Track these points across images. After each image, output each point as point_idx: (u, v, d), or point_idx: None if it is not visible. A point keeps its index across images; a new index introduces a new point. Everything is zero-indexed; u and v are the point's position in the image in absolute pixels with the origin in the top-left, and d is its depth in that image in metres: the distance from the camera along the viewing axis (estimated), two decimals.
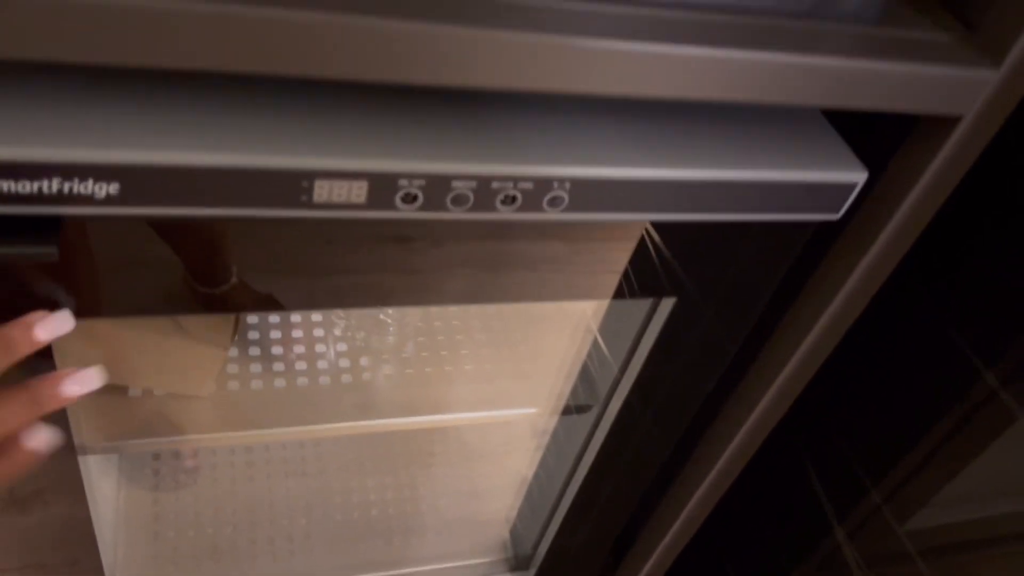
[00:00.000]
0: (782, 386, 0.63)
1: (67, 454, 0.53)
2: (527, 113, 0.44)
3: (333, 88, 0.38)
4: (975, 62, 0.44)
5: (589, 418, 0.73)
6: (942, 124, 0.46)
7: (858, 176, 0.47)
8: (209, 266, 0.44)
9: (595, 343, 0.69)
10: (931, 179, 0.48)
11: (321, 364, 0.71)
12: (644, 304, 0.60)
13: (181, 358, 0.65)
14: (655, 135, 0.46)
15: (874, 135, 0.50)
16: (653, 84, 0.39)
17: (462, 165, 0.40)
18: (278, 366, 0.69)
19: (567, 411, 0.74)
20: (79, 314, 0.41)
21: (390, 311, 0.74)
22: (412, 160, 0.39)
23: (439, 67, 0.35)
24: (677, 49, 0.38)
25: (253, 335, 0.71)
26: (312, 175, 0.38)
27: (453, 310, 0.80)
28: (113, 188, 0.35)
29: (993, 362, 0.60)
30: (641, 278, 0.53)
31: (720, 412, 0.68)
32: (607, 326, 0.68)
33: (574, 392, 0.73)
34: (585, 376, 0.72)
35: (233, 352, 0.68)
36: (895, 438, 0.67)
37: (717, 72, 0.40)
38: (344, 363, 0.72)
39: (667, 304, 0.57)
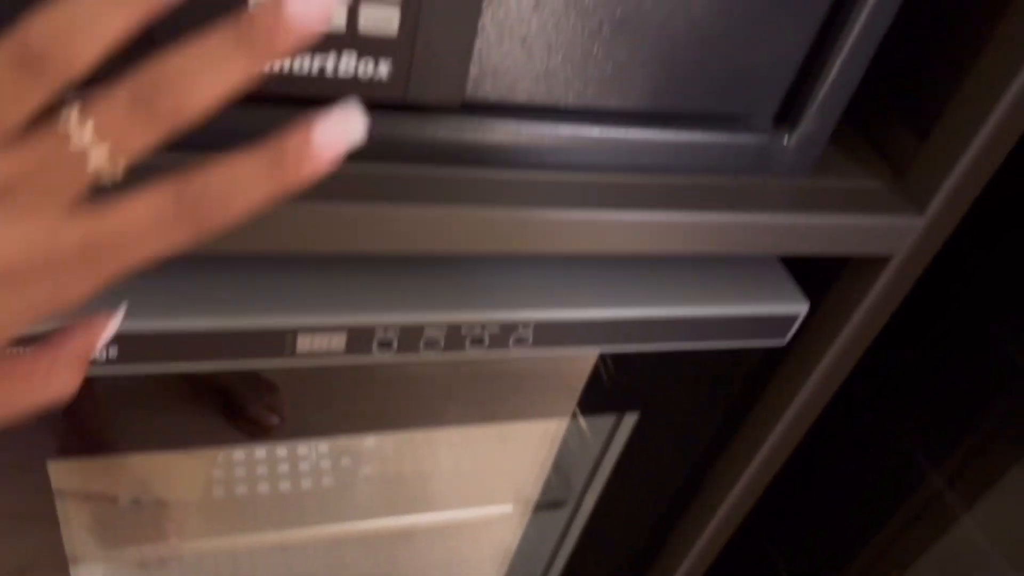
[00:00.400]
0: (746, 486, 0.66)
1: (59, 565, 0.56)
2: (494, 260, 0.48)
3: None
4: (902, 209, 0.48)
5: (563, 514, 0.76)
6: (875, 262, 0.50)
7: (800, 308, 0.52)
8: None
9: (564, 444, 0.72)
10: (868, 307, 0.53)
11: (303, 466, 0.73)
12: (607, 419, 0.63)
13: (170, 465, 0.67)
14: (614, 275, 0.49)
15: (817, 267, 0.54)
16: (613, 244, 0.43)
17: (433, 314, 0.43)
18: (262, 470, 0.71)
19: (541, 507, 0.76)
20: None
21: None
22: (387, 312, 0.43)
23: (417, 240, 0.39)
24: (632, 215, 0.42)
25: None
26: (295, 331, 0.41)
27: None
28: (112, 352, 0.39)
29: (938, 463, 0.64)
30: (602, 396, 0.57)
31: (683, 517, 0.71)
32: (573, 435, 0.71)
33: (547, 487, 0.76)
34: (559, 469, 0.75)
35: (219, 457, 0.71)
36: (853, 532, 0.70)
37: (669, 232, 0.44)
38: (325, 464, 0.74)
39: (631, 418, 0.61)
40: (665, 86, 0.42)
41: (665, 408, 0.60)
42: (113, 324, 0.30)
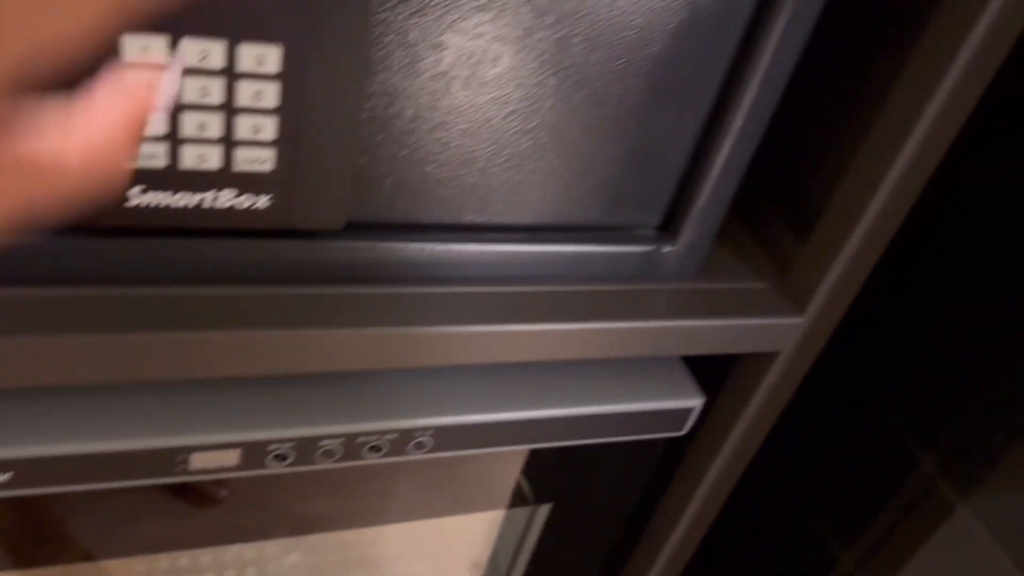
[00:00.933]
0: (663, 568, 0.67)
1: None
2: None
3: None
4: (784, 309, 0.51)
5: None
6: (764, 357, 0.53)
7: (695, 401, 0.53)
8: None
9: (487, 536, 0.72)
10: (762, 398, 0.55)
11: (226, 556, 0.73)
12: (523, 511, 0.64)
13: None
14: (516, 375, 0.51)
15: (715, 359, 0.56)
16: (508, 355, 0.45)
17: (329, 426, 0.44)
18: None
19: None
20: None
21: None
22: (281, 427, 0.43)
23: (308, 362, 0.40)
24: (524, 327, 0.44)
25: None
26: (188, 449, 0.42)
27: None
28: (5, 477, 0.39)
29: (846, 547, 0.66)
30: (517, 489, 0.58)
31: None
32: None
33: None
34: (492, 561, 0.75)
35: None
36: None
37: (558, 342, 0.45)
38: (250, 554, 0.74)
39: (544, 509, 0.62)
40: (551, 202, 0.44)
41: (578, 498, 0.61)
42: (174, 74, 0.22)
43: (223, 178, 0.35)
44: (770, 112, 0.44)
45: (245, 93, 0.33)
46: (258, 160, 0.35)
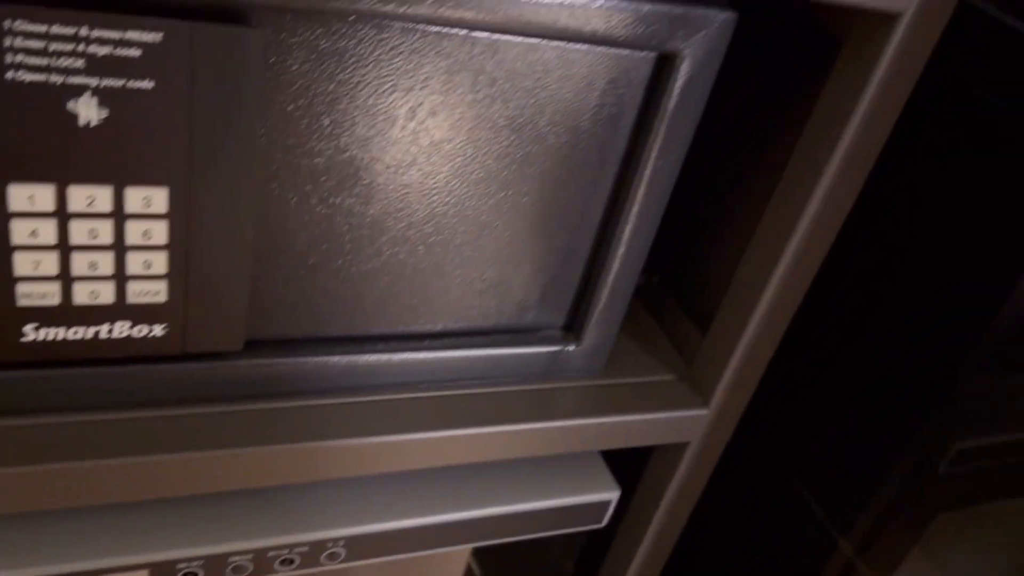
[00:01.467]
0: None
1: None
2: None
3: None
4: (690, 401, 0.52)
5: None
6: (674, 448, 0.54)
7: (611, 494, 0.54)
8: None
9: None
10: (677, 486, 0.56)
11: None
12: None
13: None
14: (429, 479, 0.51)
15: (632, 451, 0.57)
16: (422, 461, 0.45)
17: (237, 542, 0.44)
18: None
19: None
20: None
21: None
22: (188, 546, 0.43)
23: (213, 482, 0.41)
24: (439, 434, 0.45)
25: None
26: (96, 573, 0.41)
27: None
28: None
29: None
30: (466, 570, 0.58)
31: None
32: None
33: None
34: None
35: None
36: None
37: (471, 446, 0.46)
38: None
39: None
40: (457, 308, 0.46)
41: None
42: None
43: (118, 311, 0.36)
44: (661, 208, 0.46)
45: (134, 232, 0.34)
46: (151, 292, 0.36)
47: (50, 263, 0.34)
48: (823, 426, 0.65)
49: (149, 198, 0.34)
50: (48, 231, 0.33)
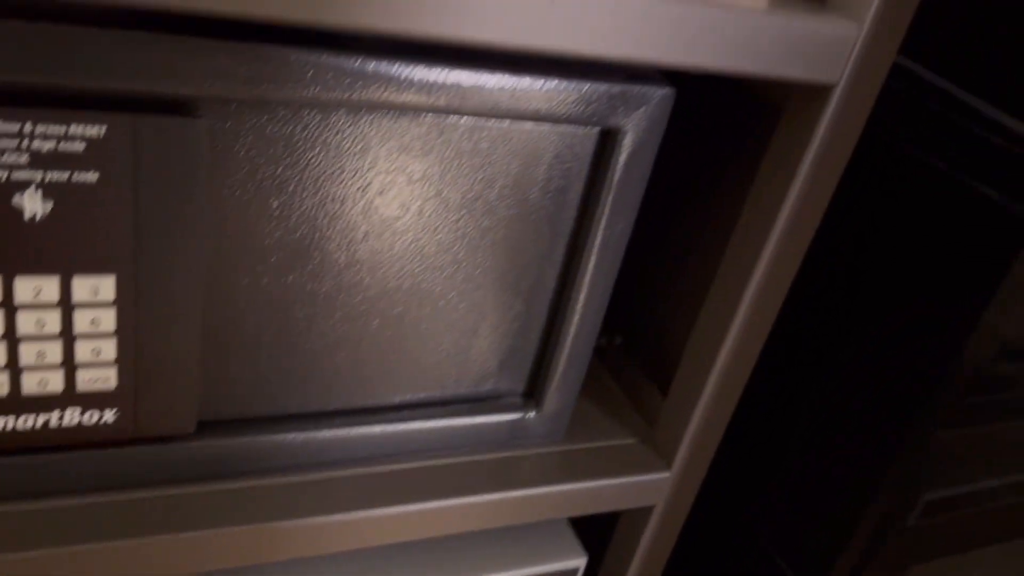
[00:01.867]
0: None
1: None
2: None
3: None
4: (652, 464, 0.52)
5: None
6: (640, 511, 0.54)
7: (579, 561, 0.54)
8: None
9: None
10: (645, 550, 0.55)
11: None
12: None
13: None
14: (392, 550, 0.51)
15: (599, 516, 0.57)
16: (384, 537, 0.45)
17: None
18: None
19: None
20: None
21: None
22: None
23: (165, 566, 0.40)
24: (400, 509, 0.44)
25: None
26: None
27: None
28: None
29: None
30: None
31: None
32: None
33: None
34: None
35: None
36: None
37: (433, 520, 0.46)
38: None
39: None
40: (417, 380, 0.46)
41: None
42: None
43: (67, 399, 0.36)
44: (613, 274, 0.46)
45: (82, 321, 0.35)
46: (101, 379, 0.36)
47: None
48: (790, 482, 0.65)
49: (96, 286, 0.34)
50: None
